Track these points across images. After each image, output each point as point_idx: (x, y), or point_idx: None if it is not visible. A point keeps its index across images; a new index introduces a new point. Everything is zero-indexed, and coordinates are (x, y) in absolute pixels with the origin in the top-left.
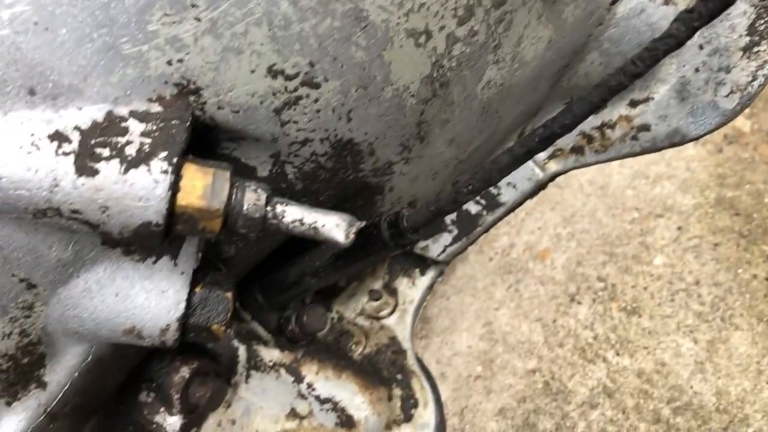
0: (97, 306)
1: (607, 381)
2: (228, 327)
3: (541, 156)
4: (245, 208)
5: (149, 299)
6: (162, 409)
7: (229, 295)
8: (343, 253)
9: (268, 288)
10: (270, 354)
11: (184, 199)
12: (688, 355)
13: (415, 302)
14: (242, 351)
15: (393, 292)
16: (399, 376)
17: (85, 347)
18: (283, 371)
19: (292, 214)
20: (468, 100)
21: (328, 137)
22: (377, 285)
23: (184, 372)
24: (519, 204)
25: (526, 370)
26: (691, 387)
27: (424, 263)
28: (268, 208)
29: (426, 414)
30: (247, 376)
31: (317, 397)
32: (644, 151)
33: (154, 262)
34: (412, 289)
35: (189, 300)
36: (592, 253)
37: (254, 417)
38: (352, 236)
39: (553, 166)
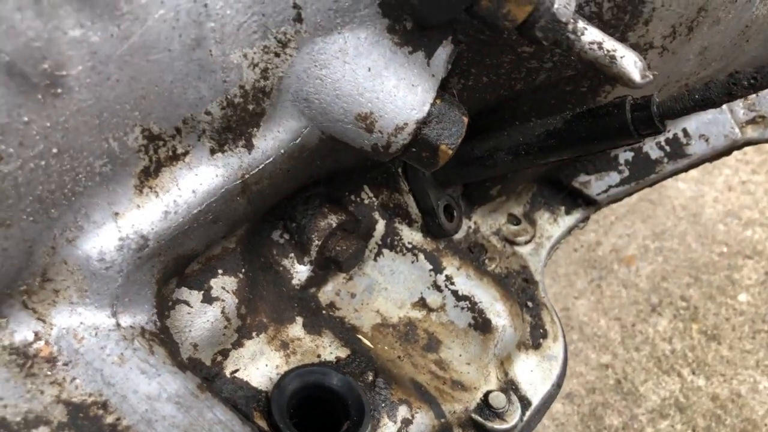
0: (345, 74)
1: (680, 396)
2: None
3: (742, 118)
4: (555, 6)
5: (398, 88)
6: (291, 255)
7: (465, 119)
8: (560, 130)
9: None
10: (412, 236)
11: None
12: (765, 393)
13: (552, 239)
14: (381, 225)
15: (532, 223)
16: (530, 304)
17: (301, 125)
18: (421, 256)
19: (593, 35)
20: (745, 7)
21: None
22: (518, 210)
23: (332, 220)
24: (704, 160)
25: (599, 363)
26: (766, 424)
27: (572, 202)
28: (572, 19)
29: (555, 347)
30: (378, 254)
31: (455, 293)
32: None
33: (411, 53)
34: (552, 225)
35: (430, 107)
36: (678, 273)
37: (376, 296)
38: (648, 78)
39: (750, 132)
